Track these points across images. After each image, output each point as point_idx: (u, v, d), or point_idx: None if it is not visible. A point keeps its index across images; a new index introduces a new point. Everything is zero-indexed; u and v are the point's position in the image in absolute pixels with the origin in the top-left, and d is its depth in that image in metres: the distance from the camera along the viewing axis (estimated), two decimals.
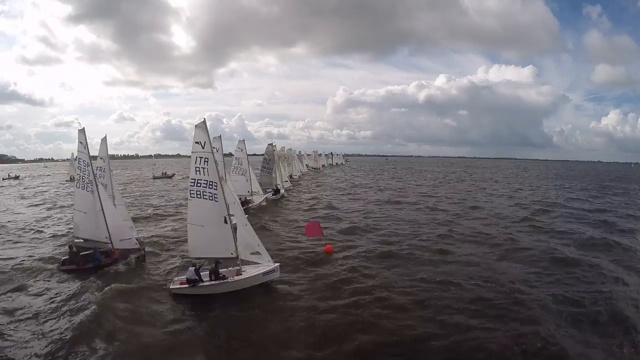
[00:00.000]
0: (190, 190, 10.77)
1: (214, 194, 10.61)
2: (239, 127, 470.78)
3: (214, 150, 11.06)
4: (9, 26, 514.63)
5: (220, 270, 10.31)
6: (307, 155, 78.68)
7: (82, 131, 12.47)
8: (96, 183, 12.32)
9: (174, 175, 62.17)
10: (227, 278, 10.25)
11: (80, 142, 12.41)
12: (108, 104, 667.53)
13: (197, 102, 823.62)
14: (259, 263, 10.80)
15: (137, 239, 13.04)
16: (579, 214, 23.81)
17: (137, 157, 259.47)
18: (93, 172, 12.41)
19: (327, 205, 26.34)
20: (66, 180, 55.14)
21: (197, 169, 10.66)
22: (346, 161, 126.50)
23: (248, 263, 10.86)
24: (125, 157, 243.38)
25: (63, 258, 12.33)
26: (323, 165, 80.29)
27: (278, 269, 10.69)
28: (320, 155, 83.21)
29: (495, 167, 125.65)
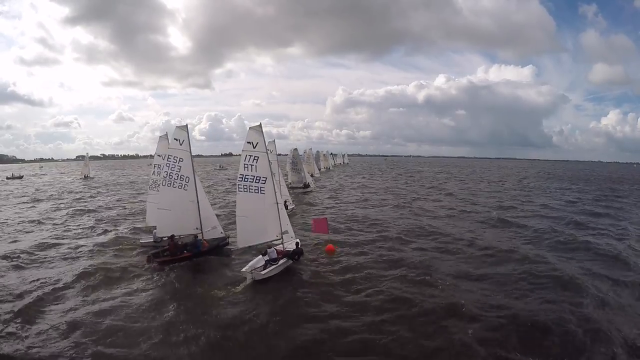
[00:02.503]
0: (238, 185, 12.10)
1: (261, 187, 11.91)
2: (239, 127, 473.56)
3: (269, 151, 12.48)
4: (8, 27, 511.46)
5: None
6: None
7: (182, 128, 13.17)
8: (194, 176, 13.16)
9: None
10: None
11: (176, 139, 13.08)
12: (107, 104, 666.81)
13: (195, 102, 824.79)
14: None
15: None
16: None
17: (137, 157, 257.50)
18: (193, 166, 13.19)
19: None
20: (81, 179, 56.53)
21: (246, 165, 12.02)
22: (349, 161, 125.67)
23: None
24: (125, 157, 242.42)
25: (152, 252, 12.75)
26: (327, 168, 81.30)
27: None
28: (324, 155, 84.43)
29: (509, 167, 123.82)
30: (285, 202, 30.23)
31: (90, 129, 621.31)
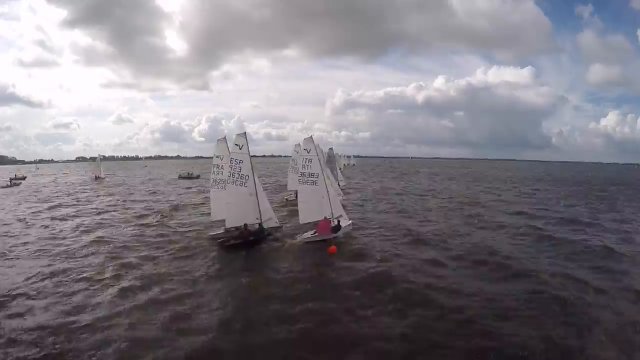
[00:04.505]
0: (299, 179, 16.75)
1: (315, 181, 16.40)
2: (238, 128, 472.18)
3: (315, 155, 16.48)
4: (6, 29, 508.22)
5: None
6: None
7: (242, 135, 16.21)
8: (253, 174, 16.12)
9: (199, 176, 63.30)
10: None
11: (237, 144, 16.01)
12: (106, 105, 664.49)
13: (195, 103, 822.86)
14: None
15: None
16: None
17: (137, 158, 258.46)
18: (252, 166, 16.12)
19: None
20: (92, 180, 57.81)
21: (304, 165, 16.53)
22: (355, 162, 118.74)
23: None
24: (125, 158, 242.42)
25: (224, 239, 15.55)
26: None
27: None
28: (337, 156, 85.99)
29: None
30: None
31: (90, 131, 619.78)
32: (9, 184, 50.76)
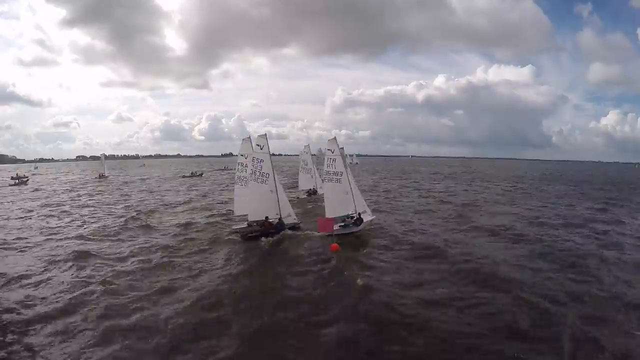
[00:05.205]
0: (324, 178, 17.95)
1: (339, 179, 17.22)
2: (239, 127, 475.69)
3: (339, 154, 17.53)
4: (6, 28, 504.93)
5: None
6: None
7: (262, 136, 17.09)
8: (273, 172, 16.92)
9: (202, 174, 64.57)
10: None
11: (258, 145, 16.90)
12: (105, 104, 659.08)
13: (194, 102, 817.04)
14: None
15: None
16: None
17: (137, 157, 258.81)
18: (272, 165, 16.95)
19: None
20: (96, 178, 57.94)
21: (328, 164, 17.42)
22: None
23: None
24: (125, 157, 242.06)
25: (246, 231, 16.69)
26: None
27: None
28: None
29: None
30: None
31: (90, 129, 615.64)
32: (17, 181, 51.24)
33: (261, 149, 16.99)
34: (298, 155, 38.36)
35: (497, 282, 10.99)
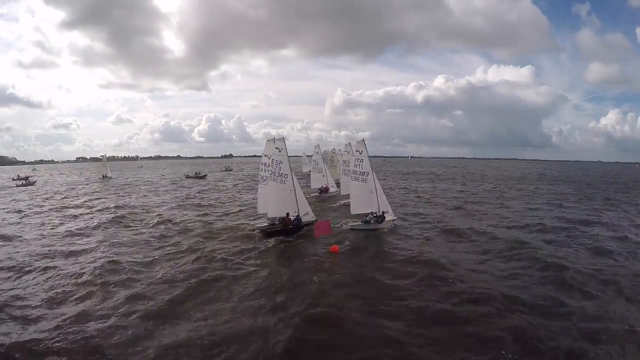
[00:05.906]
0: (352, 176, 19.14)
1: (365, 178, 18.70)
2: (238, 128, 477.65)
3: (366, 156, 18.88)
4: (5, 31, 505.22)
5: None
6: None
7: (281, 139, 17.99)
8: (291, 173, 17.80)
9: (205, 175, 64.71)
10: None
11: (277, 148, 17.71)
12: (105, 106, 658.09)
13: (194, 103, 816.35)
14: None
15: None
16: None
17: (136, 158, 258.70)
18: (290, 167, 17.81)
19: None
20: (99, 179, 58.81)
21: (355, 164, 18.89)
22: None
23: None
24: (125, 158, 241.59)
25: (267, 228, 17.60)
26: None
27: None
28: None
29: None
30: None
31: (90, 131, 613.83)
32: (24, 182, 51.89)
33: (280, 151, 17.86)
34: (300, 156, 39.35)
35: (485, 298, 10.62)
